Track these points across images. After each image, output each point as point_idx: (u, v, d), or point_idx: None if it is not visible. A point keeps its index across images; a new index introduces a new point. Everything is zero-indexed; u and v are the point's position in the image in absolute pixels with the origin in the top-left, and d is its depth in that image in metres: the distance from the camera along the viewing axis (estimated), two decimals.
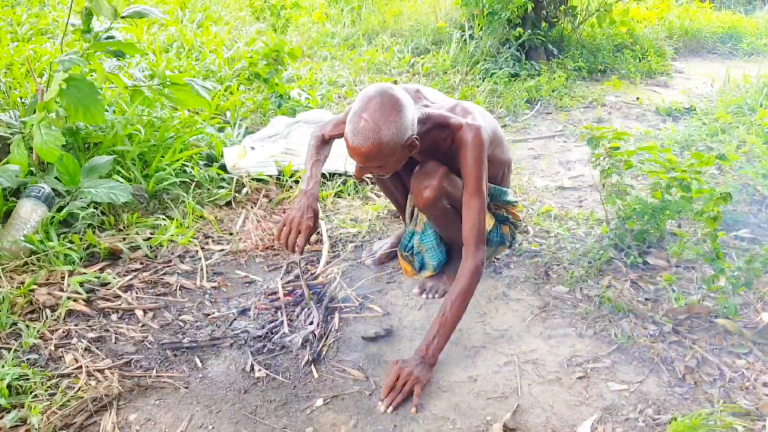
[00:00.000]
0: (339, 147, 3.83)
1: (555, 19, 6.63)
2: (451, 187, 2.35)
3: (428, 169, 2.32)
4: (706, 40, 7.95)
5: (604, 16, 6.58)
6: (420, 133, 2.14)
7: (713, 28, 8.09)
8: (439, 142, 2.25)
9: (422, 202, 2.35)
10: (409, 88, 2.33)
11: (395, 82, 5.20)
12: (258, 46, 4.97)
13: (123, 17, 3.00)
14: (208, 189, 3.42)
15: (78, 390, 2.00)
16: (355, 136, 1.99)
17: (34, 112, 2.86)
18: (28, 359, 2.13)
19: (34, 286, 2.49)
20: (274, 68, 4.67)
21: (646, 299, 2.54)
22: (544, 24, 6.43)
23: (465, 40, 6.14)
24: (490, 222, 2.62)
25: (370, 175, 3.07)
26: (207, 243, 2.99)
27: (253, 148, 3.75)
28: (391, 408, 1.96)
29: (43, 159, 2.78)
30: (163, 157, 3.36)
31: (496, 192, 2.62)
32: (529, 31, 6.06)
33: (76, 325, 2.34)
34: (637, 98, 5.55)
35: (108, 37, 3.08)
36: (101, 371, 2.10)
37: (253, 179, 3.53)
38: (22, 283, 2.51)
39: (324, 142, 2.51)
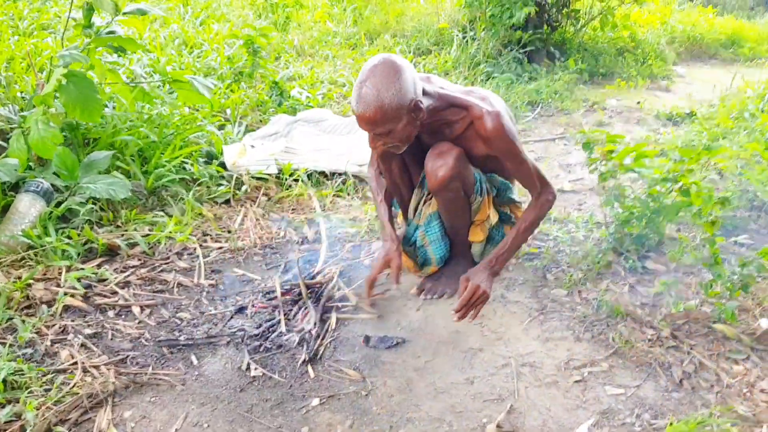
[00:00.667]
0: (339, 146, 3.84)
1: (557, 23, 6.63)
2: (465, 170, 2.37)
3: (444, 149, 2.32)
4: (708, 46, 7.95)
5: (606, 19, 6.58)
6: (432, 109, 2.21)
7: (715, 34, 8.09)
8: (454, 123, 2.29)
9: (437, 182, 2.33)
10: (420, 76, 2.32)
11: None
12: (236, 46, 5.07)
13: (124, 13, 2.99)
14: (208, 186, 3.42)
15: (73, 386, 2.00)
16: (359, 103, 2.05)
17: (33, 107, 2.85)
18: (23, 354, 2.13)
19: (31, 281, 2.49)
20: (254, 60, 4.73)
21: (644, 304, 2.53)
22: (546, 27, 6.43)
23: (467, 42, 6.14)
24: (494, 218, 2.61)
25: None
26: (205, 240, 2.99)
27: (253, 146, 3.74)
28: (462, 320, 2.27)
29: (38, 155, 2.77)
30: (162, 153, 3.36)
31: (503, 186, 2.62)
32: (531, 32, 6.06)
33: (72, 321, 2.34)
34: (639, 102, 5.55)
35: (109, 32, 3.07)
36: (97, 367, 2.10)
37: (252, 177, 3.53)
38: (19, 277, 2.50)
39: (380, 175, 2.65)
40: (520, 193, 2.69)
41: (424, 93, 2.18)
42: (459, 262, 2.67)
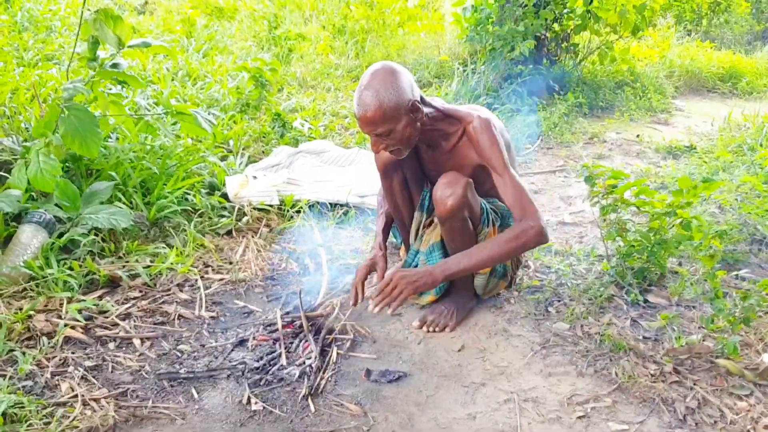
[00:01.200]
0: (340, 178, 3.86)
1: (556, 57, 6.70)
2: (473, 200, 2.41)
3: (452, 178, 2.35)
4: (707, 80, 8.03)
5: (605, 54, 6.66)
6: (431, 119, 2.30)
7: (713, 68, 8.18)
8: (450, 135, 2.36)
9: (446, 211, 2.36)
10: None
11: None
12: (240, 76, 5.15)
13: (130, 46, 3.03)
14: (210, 217, 3.43)
15: (73, 419, 1.98)
16: (359, 106, 2.16)
17: (34, 139, 2.87)
18: (23, 387, 2.11)
19: (32, 313, 2.48)
20: (261, 93, 4.79)
21: (647, 338, 2.53)
22: (545, 61, 6.50)
23: (467, 75, 6.20)
24: None
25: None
26: (207, 272, 2.99)
27: (255, 177, 3.76)
28: (377, 309, 2.23)
29: (37, 188, 2.76)
30: (165, 184, 3.37)
31: (507, 213, 2.63)
32: (531, 66, 6.12)
33: (73, 353, 2.33)
34: (638, 135, 5.59)
35: (114, 65, 3.11)
36: (97, 400, 2.08)
37: (254, 208, 3.54)
38: (21, 309, 2.50)
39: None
40: None
41: (424, 102, 2.27)
42: (461, 294, 2.67)
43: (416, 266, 2.67)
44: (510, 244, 2.24)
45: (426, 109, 2.27)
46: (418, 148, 2.50)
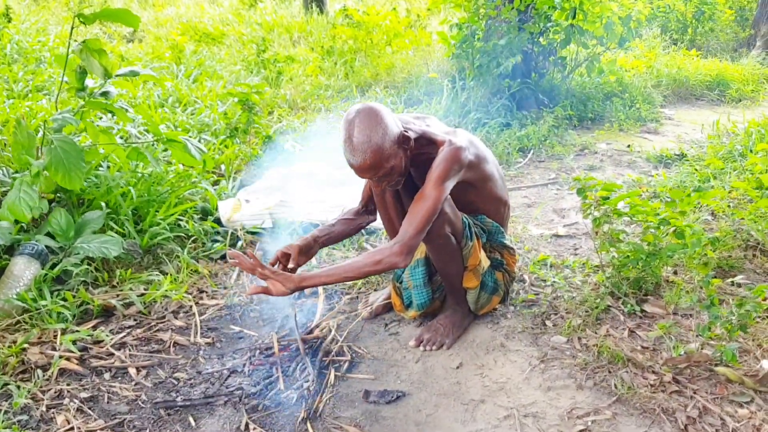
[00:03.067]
0: (333, 198, 3.86)
1: (544, 70, 6.74)
2: (454, 216, 2.40)
3: None
4: (694, 88, 8.07)
5: (593, 65, 6.70)
6: (417, 144, 2.28)
7: (701, 76, 8.23)
8: (430, 160, 2.32)
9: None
10: (413, 114, 2.46)
11: None
12: (230, 101, 5.18)
13: (118, 75, 3.04)
14: (203, 243, 3.42)
15: None
16: (354, 156, 2.12)
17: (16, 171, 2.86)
18: (19, 421, 2.09)
19: (27, 345, 2.46)
20: (249, 116, 4.81)
21: (645, 348, 2.52)
22: (533, 75, 6.54)
23: (457, 91, 6.23)
24: (485, 263, 2.62)
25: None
26: (201, 298, 2.97)
27: (248, 200, 3.76)
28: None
29: (14, 217, 2.73)
30: (157, 211, 3.36)
31: (494, 228, 2.64)
32: (519, 80, 6.16)
33: (68, 385, 2.31)
34: (629, 145, 5.61)
35: (103, 93, 3.12)
36: None
37: (248, 232, 3.53)
38: (14, 342, 2.48)
39: (356, 213, 2.71)
40: (515, 239, 2.70)
41: (408, 129, 2.27)
42: (456, 310, 2.67)
43: (401, 282, 2.67)
44: (367, 268, 2.20)
45: (413, 135, 2.26)
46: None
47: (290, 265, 2.37)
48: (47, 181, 2.79)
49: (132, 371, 2.42)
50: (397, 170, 2.21)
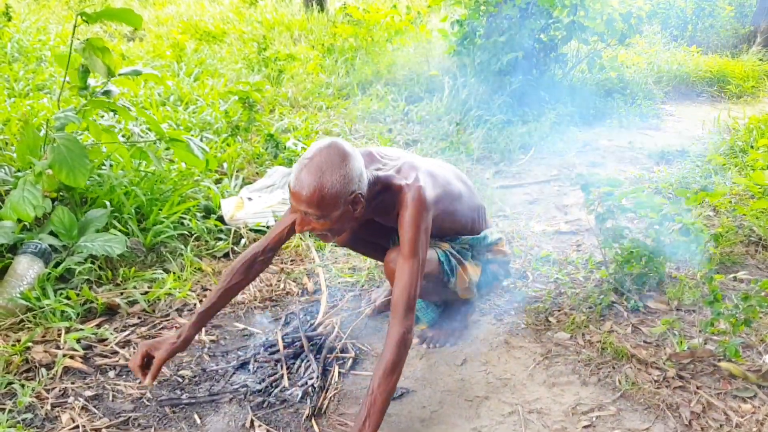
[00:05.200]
0: None
1: (545, 66, 6.74)
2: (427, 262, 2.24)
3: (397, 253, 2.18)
4: (695, 84, 8.08)
5: (594, 62, 6.70)
6: (373, 196, 2.11)
7: (701, 72, 8.23)
8: (389, 204, 2.16)
9: (392, 275, 2.19)
10: (362, 151, 2.23)
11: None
12: (231, 101, 5.19)
13: (120, 74, 3.04)
14: (206, 241, 3.42)
15: None
16: (298, 179, 1.92)
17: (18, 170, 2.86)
18: (23, 420, 2.10)
19: (30, 344, 2.46)
20: (250, 114, 4.82)
21: (648, 343, 2.52)
22: (534, 71, 6.54)
23: (458, 88, 6.23)
24: (475, 276, 2.53)
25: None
26: (205, 295, 2.97)
27: (250, 198, 3.76)
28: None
29: (18, 216, 2.73)
30: (160, 210, 3.37)
31: (474, 241, 2.54)
32: (520, 77, 6.16)
33: (72, 383, 2.31)
34: (630, 141, 5.61)
35: (105, 92, 3.12)
36: (98, 431, 2.07)
37: (250, 230, 3.53)
38: (18, 341, 2.48)
39: (251, 262, 2.32)
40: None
41: (368, 184, 2.07)
42: (459, 310, 2.67)
43: None
44: (397, 363, 1.96)
45: (371, 189, 2.08)
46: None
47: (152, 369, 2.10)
48: (50, 179, 2.79)
49: None
50: (328, 223, 1.99)
